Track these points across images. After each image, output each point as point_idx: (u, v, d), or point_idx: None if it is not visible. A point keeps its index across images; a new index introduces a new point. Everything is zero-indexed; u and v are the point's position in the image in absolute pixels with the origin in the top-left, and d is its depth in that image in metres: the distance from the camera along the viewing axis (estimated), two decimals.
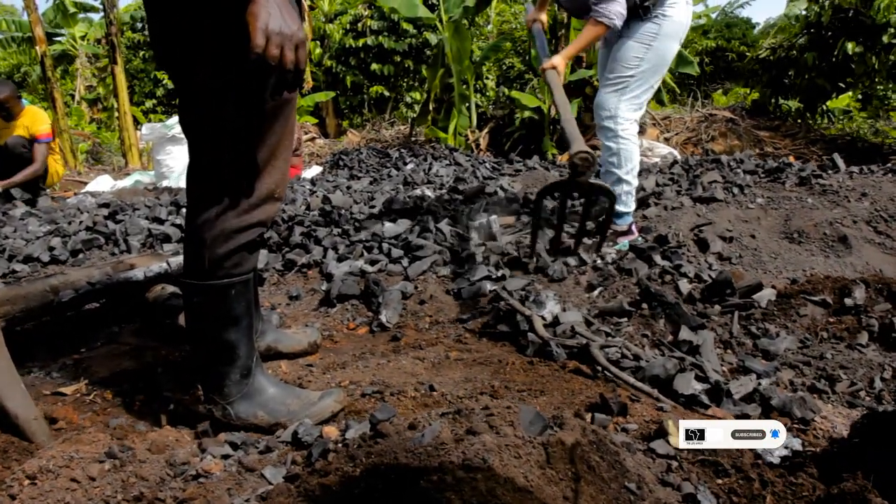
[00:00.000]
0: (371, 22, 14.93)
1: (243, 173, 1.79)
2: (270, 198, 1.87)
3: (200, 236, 1.81)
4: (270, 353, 2.49)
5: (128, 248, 4.29)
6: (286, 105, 1.80)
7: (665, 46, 3.45)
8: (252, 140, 1.76)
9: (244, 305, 1.91)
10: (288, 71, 1.52)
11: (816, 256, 3.68)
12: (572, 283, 3.03)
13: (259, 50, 1.46)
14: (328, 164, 8.79)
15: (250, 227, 1.84)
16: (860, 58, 10.21)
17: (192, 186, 1.87)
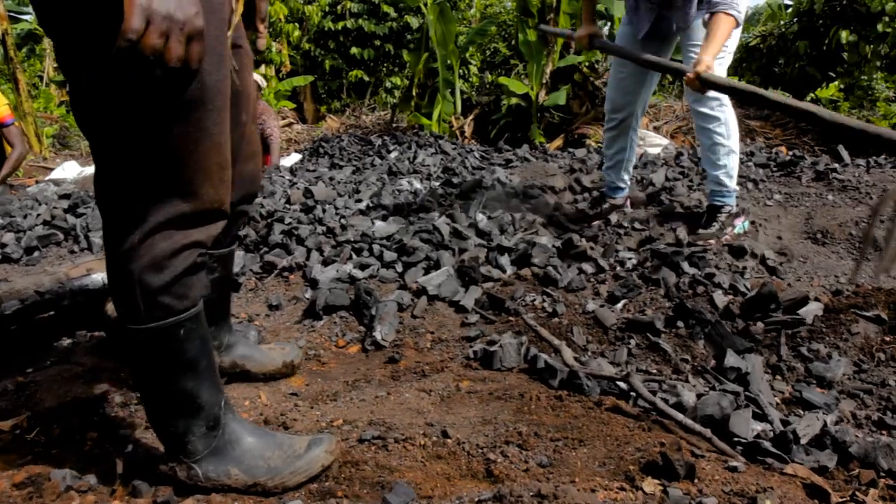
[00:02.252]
0: (351, 4, 14.48)
1: (166, 184, 1.39)
2: (210, 212, 1.47)
3: (127, 269, 1.41)
4: (236, 371, 2.14)
5: (88, 245, 3.90)
6: (216, 93, 1.39)
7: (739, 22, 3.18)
8: (172, 142, 1.36)
9: (199, 344, 1.52)
10: (172, 69, 1.14)
11: (846, 260, 3.38)
12: (591, 294, 2.69)
13: (132, 35, 1.07)
14: (307, 151, 8.37)
15: (187, 248, 1.44)
16: (853, 46, 9.97)
17: (105, 205, 1.44)
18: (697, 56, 2.92)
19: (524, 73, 11.06)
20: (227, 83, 1.43)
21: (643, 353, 2.23)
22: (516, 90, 9.53)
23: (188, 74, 1.20)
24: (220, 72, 1.38)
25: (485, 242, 3.20)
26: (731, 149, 3.34)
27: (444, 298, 2.70)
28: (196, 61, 1.18)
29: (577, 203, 4.17)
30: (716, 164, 3.36)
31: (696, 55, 3.19)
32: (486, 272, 2.86)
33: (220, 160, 1.46)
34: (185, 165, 1.38)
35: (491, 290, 2.76)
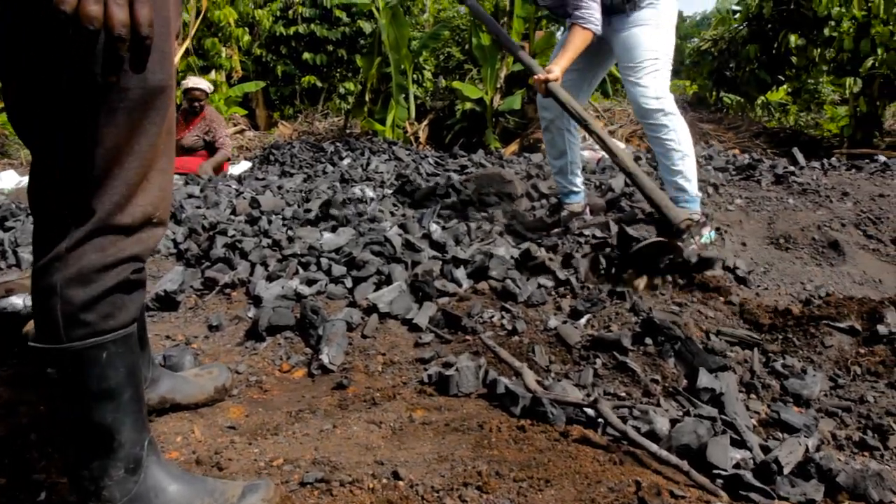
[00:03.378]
0: (302, 9, 14.22)
1: (102, 189, 1.24)
2: (147, 223, 1.31)
3: (48, 281, 1.25)
4: (167, 406, 1.94)
5: (17, 261, 3.63)
6: (159, 94, 1.25)
7: (669, 28, 3.37)
8: (109, 142, 1.22)
9: (123, 372, 1.34)
10: (118, 37, 0.99)
11: (810, 266, 3.30)
12: (552, 309, 2.53)
13: (66, 7, 0.94)
14: (257, 159, 8.12)
15: (120, 262, 1.28)
16: (801, 50, 10.07)
17: (36, 209, 1.32)
18: (551, 63, 3.26)
19: (478, 78, 10.96)
20: (172, 83, 1.30)
21: (610, 374, 2.08)
22: (470, 95, 9.41)
23: (140, 43, 1.04)
24: (164, 70, 1.25)
25: (439, 254, 3.03)
26: (684, 153, 3.29)
27: (397, 316, 2.53)
28: (145, 26, 1.03)
29: (534, 210, 4.04)
30: (672, 169, 3.30)
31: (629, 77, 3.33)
32: (441, 286, 2.69)
33: (160, 165, 1.32)
34: (122, 169, 1.25)
35: (446, 305, 2.59)
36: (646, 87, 3.26)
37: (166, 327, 2.71)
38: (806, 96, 13.43)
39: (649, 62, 3.27)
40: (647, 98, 3.26)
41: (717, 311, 2.51)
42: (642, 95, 3.27)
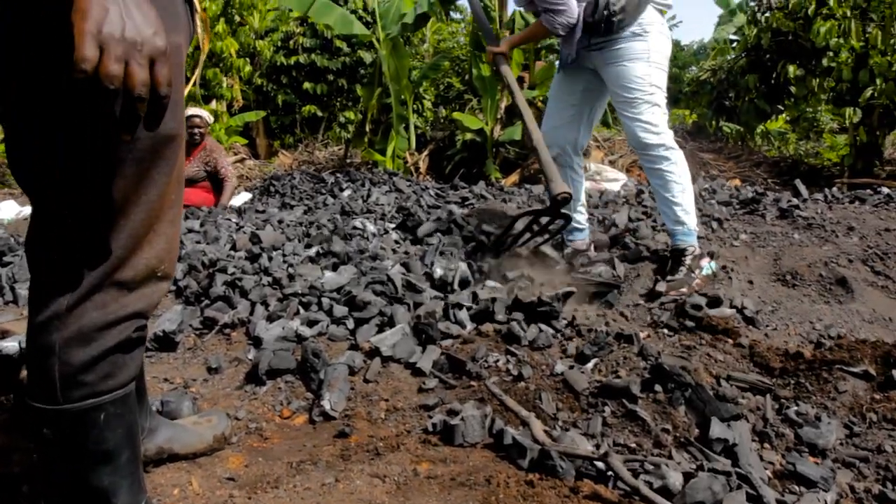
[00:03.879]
0: (303, 39, 14.32)
1: (107, 243, 1.21)
2: (152, 277, 1.28)
3: (47, 340, 1.21)
4: (164, 457, 1.89)
5: (14, 297, 3.59)
6: (169, 143, 1.22)
7: (662, 61, 3.34)
8: (116, 193, 1.18)
9: (122, 433, 1.30)
10: (137, 97, 0.96)
11: (818, 304, 3.25)
12: (558, 352, 2.48)
13: (86, 65, 0.91)
14: (258, 190, 8.10)
15: (122, 320, 1.24)
16: (800, 80, 10.11)
17: (35, 263, 1.28)
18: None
19: (478, 108, 10.98)
20: (182, 131, 1.28)
21: (620, 423, 2.03)
22: (471, 126, 9.42)
23: (159, 101, 1.01)
24: (175, 118, 1.23)
25: (442, 295, 2.98)
26: (684, 186, 3.27)
27: (400, 360, 2.48)
28: (164, 85, 1.01)
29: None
30: (670, 202, 3.29)
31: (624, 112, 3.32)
32: (445, 328, 2.64)
33: (168, 216, 1.29)
34: (127, 220, 1.22)
35: (450, 349, 2.54)
36: (645, 122, 3.25)
37: (164, 369, 2.65)
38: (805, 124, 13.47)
39: (646, 97, 3.26)
40: (647, 133, 3.24)
41: (726, 353, 2.46)
42: (642, 131, 3.25)
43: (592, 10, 3.24)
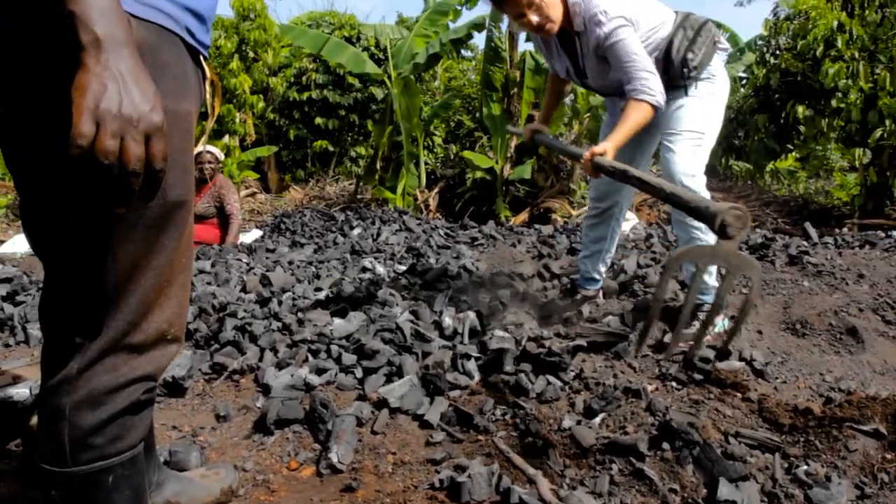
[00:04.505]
0: (316, 75, 14.50)
1: (117, 308, 1.23)
2: (162, 340, 1.30)
3: (57, 403, 1.22)
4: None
5: (26, 337, 3.62)
6: (178, 209, 1.25)
7: (721, 106, 3.24)
8: (126, 260, 1.21)
9: (130, 494, 1.31)
10: (132, 172, 0.99)
11: (829, 354, 3.23)
12: (566, 406, 2.48)
13: (82, 141, 0.94)
14: (268, 227, 8.16)
15: (132, 383, 1.26)
16: (809, 121, 10.16)
17: (47, 327, 1.31)
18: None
19: (489, 146, 11.07)
20: (191, 196, 1.30)
21: (627, 482, 2.02)
22: (481, 164, 9.50)
23: (153, 177, 1.04)
24: (183, 185, 1.25)
25: (450, 344, 2.99)
26: (707, 241, 3.09)
27: (408, 411, 2.48)
28: (159, 160, 1.03)
29: (546, 291, 4.01)
30: None
31: (669, 143, 3.14)
32: (453, 379, 2.65)
33: (178, 279, 1.31)
34: (137, 286, 1.24)
35: (458, 400, 2.54)
36: (682, 161, 3.09)
37: (173, 416, 2.66)
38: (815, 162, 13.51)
39: (693, 136, 3.13)
40: (680, 173, 3.07)
41: (735, 408, 2.46)
42: (676, 167, 3.08)
43: (665, 66, 3.14)
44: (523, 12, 3.00)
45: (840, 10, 9.39)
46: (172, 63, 1.22)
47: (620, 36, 2.93)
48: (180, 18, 1.24)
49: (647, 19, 3.09)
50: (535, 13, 3.00)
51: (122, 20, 1.02)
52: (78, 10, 0.97)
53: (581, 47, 3.16)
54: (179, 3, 1.24)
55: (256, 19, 11.35)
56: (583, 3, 3.02)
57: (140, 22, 1.14)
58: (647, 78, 2.91)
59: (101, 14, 0.99)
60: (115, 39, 1.00)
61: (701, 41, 3.09)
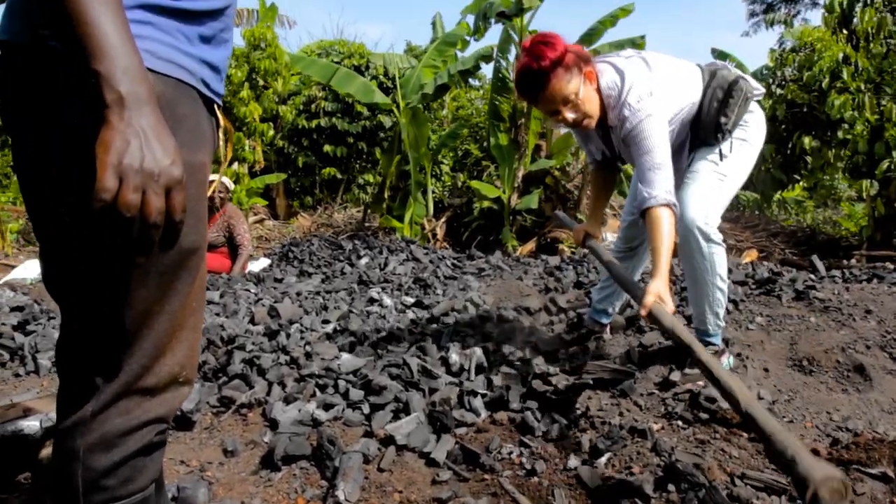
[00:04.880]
0: (325, 103, 14.62)
1: (131, 351, 1.26)
2: (174, 382, 1.32)
3: (71, 445, 1.25)
4: None
5: (36, 367, 3.65)
6: (192, 255, 1.28)
7: (752, 149, 3.14)
8: (140, 305, 1.24)
9: None
10: (153, 224, 1.04)
11: (836, 392, 3.23)
12: (572, 445, 2.49)
13: (106, 195, 0.99)
14: (276, 255, 8.20)
15: (144, 425, 1.28)
16: (816, 152, 10.19)
17: (63, 370, 1.34)
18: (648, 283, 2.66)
19: (496, 175, 11.12)
20: (204, 244, 1.34)
21: None
22: (488, 194, 9.54)
23: (173, 228, 1.09)
24: (198, 232, 1.29)
25: (456, 381, 3.01)
26: (717, 286, 3.09)
27: (414, 449, 2.49)
28: (179, 212, 1.08)
29: (552, 325, 4.02)
30: (700, 300, 3.14)
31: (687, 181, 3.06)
32: (459, 416, 2.66)
33: (190, 323, 1.34)
34: (151, 330, 1.27)
35: (464, 437, 2.56)
36: (696, 199, 2.98)
37: (181, 449, 2.68)
38: (823, 192, 13.53)
39: (715, 176, 3.04)
40: (693, 214, 2.95)
41: (741, 448, 2.46)
42: (688, 209, 2.96)
43: (695, 128, 3.10)
44: (558, 109, 2.93)
45: (845, 43, 9.45)
46: (188, 115, 1.26)
47: (642, 129, 2.84)
48: (196, 71, 1.28)
49: (681, 95, 3.03)
50: (570, 110, 2.93)
51: (145, 78, 1.06)
52: (103, 70, 1.02)
53: (614, 136, 3.11)
54: (195, 56, 1.28)
55: (267, 49, 11.48)
56: (616, 94, 2.94)
57: (158, 76, 1.19)
58: (654, 182, 2.79)
59: (125, 73, 1.03)
60: (137, 97, 1.04)
61: (734, 102, 3.00)
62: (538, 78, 2.85)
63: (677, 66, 3.11)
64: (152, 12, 1.20)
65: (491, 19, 9.62)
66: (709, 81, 3.07)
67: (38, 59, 1.16)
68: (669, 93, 2.98)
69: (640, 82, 2.90)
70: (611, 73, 2.98)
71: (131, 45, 1.05)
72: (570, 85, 2.86)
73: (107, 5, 1.04)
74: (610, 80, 2.96)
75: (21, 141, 1.24)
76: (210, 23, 1.32)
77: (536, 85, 2.88)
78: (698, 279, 3.07)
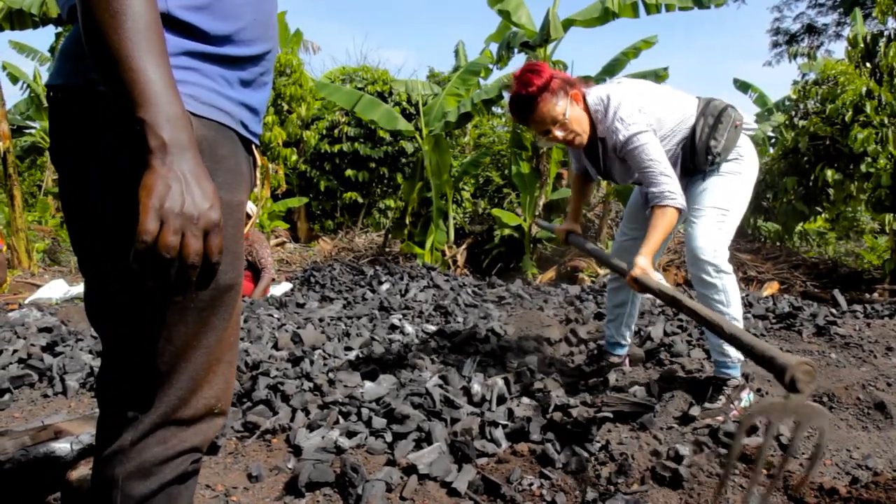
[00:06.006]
0: (347, 129, 14.79)
1: (169, 384, 1.32)
2: (209, 414, 1.38)
3: (111, 473, 1.30)
4: None
5: (63, 388, 3.73)
6: (228, 292, 1.34)
7: (749, 183, 3.30)
8: (178, 340, 1.30)
9: None
10: (191, 266, 1.09)
11: (856, 430, 3.23)
12: (591, 477, 2.52)
13: (147, 237, 1.04)
14: (298, 280, 8.28)
15: (180, 454, 1.34)
16: (838, 184, 10.16)
17: (104, 402, 1.40)
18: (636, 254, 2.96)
19: (517, 203, 11.19)
20: (241, 281, 1.39)
21: None
22: (509, 222, 9.60)
23: (209, 269, 1.14)
24: (234, 269, 1.35)
25: (478, 411, 3.05)
26: (732, 316, 3.15)
27: (436, 478, 2.52)
28: (216, 254, 1.13)
29: (573, 356, 4.05)
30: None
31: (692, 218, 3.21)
32: (480, 447, 2.70)
33: (226, 357, 1.40)
34: (188, 364, 1.32)
35: (485, 467, 2.59)
36: (704, 235, 3.12)
37: (206, 474, 2.73)
38: (845, 223, 13.44)
39: (717, 212, 3.18)
40: (701, 248, 3.10)
41: (760, 486, 2.47)
42: (697, 242, 3.12)
43: (690, 155, 3.25)
44: (548, 129, 3.17)
45: (869, 77, 9.46)
46: (228, 156, 1.32)
47: (639, 142, 3.05)
48: (235, 114, 1.35)
49: (670, 115, 3.21)
50: (560, 129, 3.17)
51: (187, 125, 1.12)
52: (148, 118, 1.08)
53: (603, 151, 3.30)
54: (235, 99, 1.35)
55: (293, 75, 11.68)
56: (603, 109, 3.17)
57: (200, 119, 1.25)
58: (666, 182, 3.00)
59: (168, 121, 1.09)
60: (179, 144, 1.10)
61: (722, 128, 3.18)
62: (527, 103, 3.12)
63: (669, 92, 3.33)
64: (196, 59, 1.27)
65: (514, 49, 9.74)
66: (703, 108, 3.26)
67: (87, 102, 1.23)
68: (660, 112, 3.18)
69: (629, 99, 3.13)
70: (597, 91, 3.24)
71: (174, 93, 1.11)
72: (558, 107, 3.11)
73: (152, 53, 1.10)
74: (596, 97, 3.21)
75: (67, 179, 1.31)
76: (251, 67, 1.38)
77: (527, 109, 3.14)
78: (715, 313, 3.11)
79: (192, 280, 1.12)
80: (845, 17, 23.34)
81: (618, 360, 3.71)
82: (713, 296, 3.15)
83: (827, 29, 25.71)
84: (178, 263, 1.08)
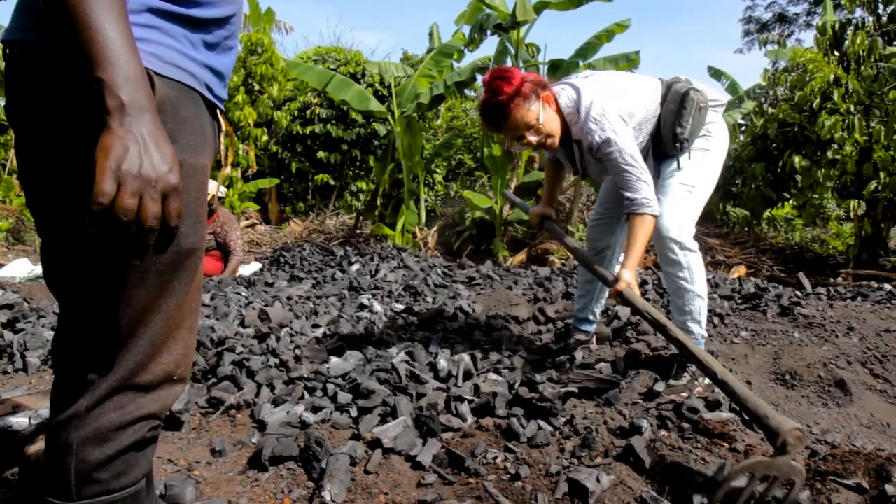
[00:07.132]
0: (320, 110, 14.66)
1: (127, 348, 1.29)
2: (168, 380, 1.36)
3: (65, 438, 1.28)
4: None
5: (24, 365, 3.67)
6: (191, 256, 1.32)
7: (716, 159, 3.33)
8: (138, 303, 1.27)
9: None
10: (149, 228, 1.07)
11: (816, 406, 3.29)
12: (556, 451, 2.53)
13: (103, 199, 1.02)
14: (268, 260, 8.22)
15: (138, 421, 1.32)
16: (805, 171, 10.29)
17: (59, 365, 1.37)
18: (619, 269, 3.02)
19: (489, 185, 11.18)
20: (203, 245, 1.37)
21: None
22: (481, 204, 9.59)
23: (168, 233, 1.12)
24: (196, 234, 1.32)
25: (444, 386, 3.04)
26: (696, 293, 3.21)
27: (401, 452, 2.52)
28: (174, 217, 1.11)
29: (540, 335, 4.06)
30: (681, 309, 3.26)
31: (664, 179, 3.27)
32: (446, 421, 2.70)
33: (186, 323, 1.38)
34: (147, 328, 1.30)
35: (450, 441, 2.59)
36: (669, 213, 3.15)
37: (169, 449, 2.70)
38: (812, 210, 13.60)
39: (683, 188, 3.21)
40: (666, 227, 3.12)
41: (721, 459, 2.50)
42: (662, 221, 3.13)
43: (657, 141, 3.29)
44: (522, 134, 3.13)
45: (837, 65, 9.56)
46: (192, 118, 1.29)
47: (615, 145, 3.03)
48: (200, 76, 1.32)
49: (638, 106, 3.21)
50: (533, 134, 3.14)
51: (145, 86, 1.09)
52: (106, 78, 1.05)
53: (580, 152, 3.29)
54: (200, 61, 1.32)
55: (263, 54, 11.54)
56: (575, 110, 3.14)
57: (163, 80, 1.22)
58: (643, 189, 3.01)
59: (127, 81, 1.06)
60: (138, 104, 1.07)
61: (686, 113, 3.19)
62: (500, 110, 3.05)
63: (635, 81, 3.31)
64: (160, 17, 1.23)
65: (487, 31, 9.70)
66: (664, 95, 3.26)
67: (45, 59, 1.20)
68: (630, 105, 3.17)
69: (599, 97, 3.10)
70: (568, 91, 3.19)
71: (134, 53, 1.09)
72: (530, 112, 3.06)
73: (111, 11, 1.07)
74: (568, 99, 3.16)
75: (24, 138, 1.27)
76: (216, 30, 1.35)
77: (499, 116, 3.08)
78: (679, 289, 3.22)
79: (149, 244, 1.09)
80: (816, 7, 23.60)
81: (585, 336, 3.72)
82: (678, 273, 3.19)
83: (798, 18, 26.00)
84: (135, 227, 1.06)
